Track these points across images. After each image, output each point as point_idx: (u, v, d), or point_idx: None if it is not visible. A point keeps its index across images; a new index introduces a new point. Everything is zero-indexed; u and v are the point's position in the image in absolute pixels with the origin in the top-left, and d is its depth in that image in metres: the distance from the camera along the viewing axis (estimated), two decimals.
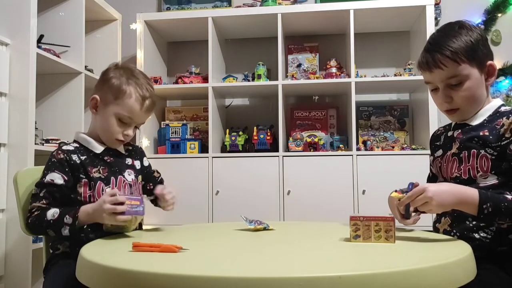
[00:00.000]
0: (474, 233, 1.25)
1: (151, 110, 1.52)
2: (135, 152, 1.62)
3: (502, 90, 2.89)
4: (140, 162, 1.62)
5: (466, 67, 1.28)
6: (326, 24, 2.89)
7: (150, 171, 1.66)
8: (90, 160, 1.47)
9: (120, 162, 1.54)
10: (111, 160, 1.51)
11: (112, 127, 1.47)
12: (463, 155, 1.31)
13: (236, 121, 3.05)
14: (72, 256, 1.38)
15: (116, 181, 1.48)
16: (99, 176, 1.45)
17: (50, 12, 2.55)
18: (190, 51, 3.20)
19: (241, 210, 1.85)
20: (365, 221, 1.14)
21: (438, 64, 1.29)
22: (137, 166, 1.59)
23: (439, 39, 1.32)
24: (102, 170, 1.47)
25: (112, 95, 1.46)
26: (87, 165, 1.45)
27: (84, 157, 1.46)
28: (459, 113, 1.35)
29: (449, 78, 1.30)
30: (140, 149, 1.67)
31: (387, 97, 3.03)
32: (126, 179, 1.51)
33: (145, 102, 1.47)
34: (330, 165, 2.59)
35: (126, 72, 1.49)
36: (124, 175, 1.51)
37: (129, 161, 1.57)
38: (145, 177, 1.63)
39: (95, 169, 1.46)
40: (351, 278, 0.79)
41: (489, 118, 1.33)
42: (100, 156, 1.49)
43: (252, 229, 1.38)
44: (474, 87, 1.30)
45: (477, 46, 1.30)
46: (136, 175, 1.56)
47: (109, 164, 1.50)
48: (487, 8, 2.96)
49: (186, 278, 0.81)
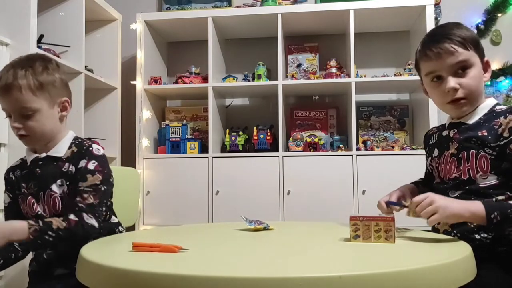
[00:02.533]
0: (474, 234, 1.25)
1: (5, 92, 1.29)
2: (76, 154, 1.38)
3: (502, 90, 2.89)
4: (75, 166, 1.36)
5: (473, 55, 1.30)
6: (326, 24, 2.89)
7: (77, 177, 1.34)
8: (26, 174, 1.40)
9: (51, 172, 1.36)
10: (39, 172, 1.38)
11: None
12: (462, 156, 1.30)
13: (236, 121, 3.05)
14: (40, 276, 1.39)
15: (44, 196, 1.36)
16: (30, 191, 1.38)
17: (50, 12, 2.55)
18: (190, 51, 3.20)
19: (241, 210, 1.85)
20: (365, 221, 1.14)
21: (448, 49, 1.28)
22: (72, 171, 1.36)
23: (442, 31, 1.33)
24: (33, 185, 1.38)
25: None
26: (22, 180, 1.40)
27: (22, 171, 1.42)
28: (463, 104, 1.32)
29: (458, 63, 1.28)
30: (84, 149, 1.38)
31: (387, 97, 3.04)
32: (55, 192, 1.35)
33: None
34: (330, 165, 2.59)
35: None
36: (52, 187, 1.35)
37: (66, 167, 1.36)
38: (72, 183, 1.35)
39: (28, 184, 1.39)
40: (351, 278, 0.79)
41: (485, 117, 1.32)
42: (31, 167, 1.39)
43: (252, 229, 1.38)
44: (478, 77, 1.31)
45: (479, 39, 1.33)
46: (70, 183, 1.35)
47: (38, 178, 1.38)
48: (487, 8, 2.97)
49: (186, 278, 0.81)
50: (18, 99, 1.29)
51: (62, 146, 1.39)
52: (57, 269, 1.37)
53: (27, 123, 1.31)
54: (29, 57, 1.38)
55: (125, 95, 3.01)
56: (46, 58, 1.40)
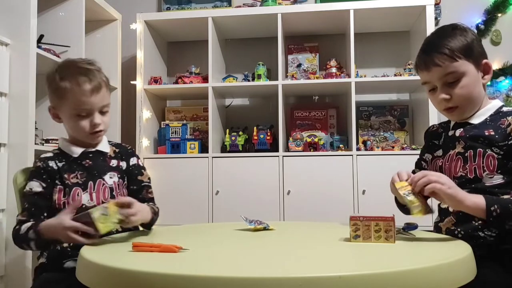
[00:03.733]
0: (478, 231, 1.25)
1: (97, 91, 1.42)
2: (122, 153, 1.56)
3: (502, 90, 2.89)
4: (126, 163, 1.55)
5: (463, 64, 1.30)
6: (326, 24, 2.89)
7: (134, 172, 1.55)
8: (68, 166, 1.45)
9: (101, 165, 1.49)
10: (90, 164, 1.47)
11: (77, 124, 1.43)
12: (468, 154, 1.31)
13: (236, 121, 3.05)
14: (49, 268, 1.40)
15: (95, 186, 1.45)
16: (77, 181, 1.43)
17: (50, 12, 2.55)
18: (190, 51, 3.20)
19: (241, 210, 1.85)
20: (365, 221, 1.14)
21: (435, 62, 1.30)
22: (123, 167, 1.54)
23: (435, 40, 1.35)
24: (80, 175, 1.44)
25: (56, 97, 1.43)
26: (64, 171, 1.43)
27: (62, 163, 1.45)
28: (458, 111, 1.35)
29: (447, 75, 1.31)
30: (129, 149, 1.60)
31: (387, 97, 3.03)
32: (106, 183, 1.46)
33: (85, 88, 1.39)
34: (330, 165, 2.59)
35: (60, 69, 1.44)
36: (104, 178, 1.47)
37: (113, 163, 1.52)
38: (129, 178, 1.55)
39: (73, 174, 1.44)
40: (351, 278, 0.79)
41: (491, 117, 1.34)
42: (78, 160, 1.46)
43: (252, 229, 1.38)
44: (471, 84, 1.31)
45: (472, 44, 1.33)
46: (120, 177, 1.51)
47: (87, 168, 1.46)
48: (487, 8, 2.96)
49: (186, 278, 0.81)
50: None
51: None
52: (67, 262, 1.38)
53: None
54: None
55: (125, 95, 3.01)
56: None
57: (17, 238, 1.35)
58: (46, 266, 1.42)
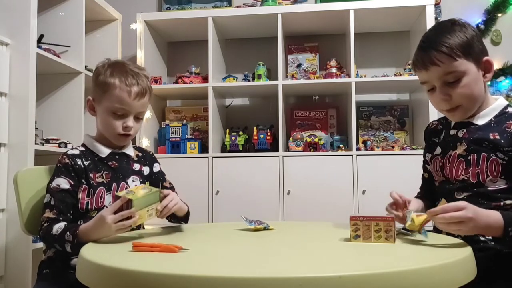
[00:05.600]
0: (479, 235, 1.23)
1: (142, 96, 1.45)
2: (145, 158, 1.59)
3: (502, 90, 2.89)
4: (150, 168, 1.58)
5: (463, 63, 1.24)
6: (326, 24, 2.89)
7: (159, 178, 1.60)
8: (94, 165, 1.45)
9: (126, 168, 1.50)
10: (116, 165, 1.48)
11: (110, 122, 1.44)
12: (471, 158, 1.27)
13: (236, 121, 3.05)
14: (56, 263, 1.40)
15: (118, 188, 1.45)
16: (102, 181, 1.43)
17: (50, 12, 2.55)
18: (190, 51, 3.20)
19: (241, 210, 1.85)
20: (365, 221, 1.14)
21: (434, 61, 1.24)
22: (145, 172, 1.56)
23: (433, 37, 1.28)
24: (105, 176, 1.45)
25: (100, 90, 1.45)
26: (90, 170, 1.43)
27: (88, 161, 1.45)
28: (460, 111, 1.30)
29: (446, 75, 1.25)
30: (152, 155, 1.64)
31: (387, 97, 3.03)
32: (129, 186, 1.47)
33: (132, 90, 1.42)
34: (330, 165, 2.59)
35: (111, 66, 1.47)
36: (127, 181, 1.48)
37: (136, 167, 1.54)
38: (152, 183, 1.54)
39: (98, 174, 1.44)
40: (351, 278, 0.79)
41: (496, 118, 1.30)
42: (104, 160, 1.47)
43: (252, 229, 1.38)
44: (472, 83, 1.25)
45: (472, 41, 1.25)
46: (142, 181, 1.52)
47: (113, 170, 1.47)
48: (487, 8, 2.97)
49: (186, 278, 0.81)
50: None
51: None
52: (74, 258, 1.36)
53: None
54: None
55: None
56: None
57: (49, 237, 1.32)
58: (54, 261, 1.41)
